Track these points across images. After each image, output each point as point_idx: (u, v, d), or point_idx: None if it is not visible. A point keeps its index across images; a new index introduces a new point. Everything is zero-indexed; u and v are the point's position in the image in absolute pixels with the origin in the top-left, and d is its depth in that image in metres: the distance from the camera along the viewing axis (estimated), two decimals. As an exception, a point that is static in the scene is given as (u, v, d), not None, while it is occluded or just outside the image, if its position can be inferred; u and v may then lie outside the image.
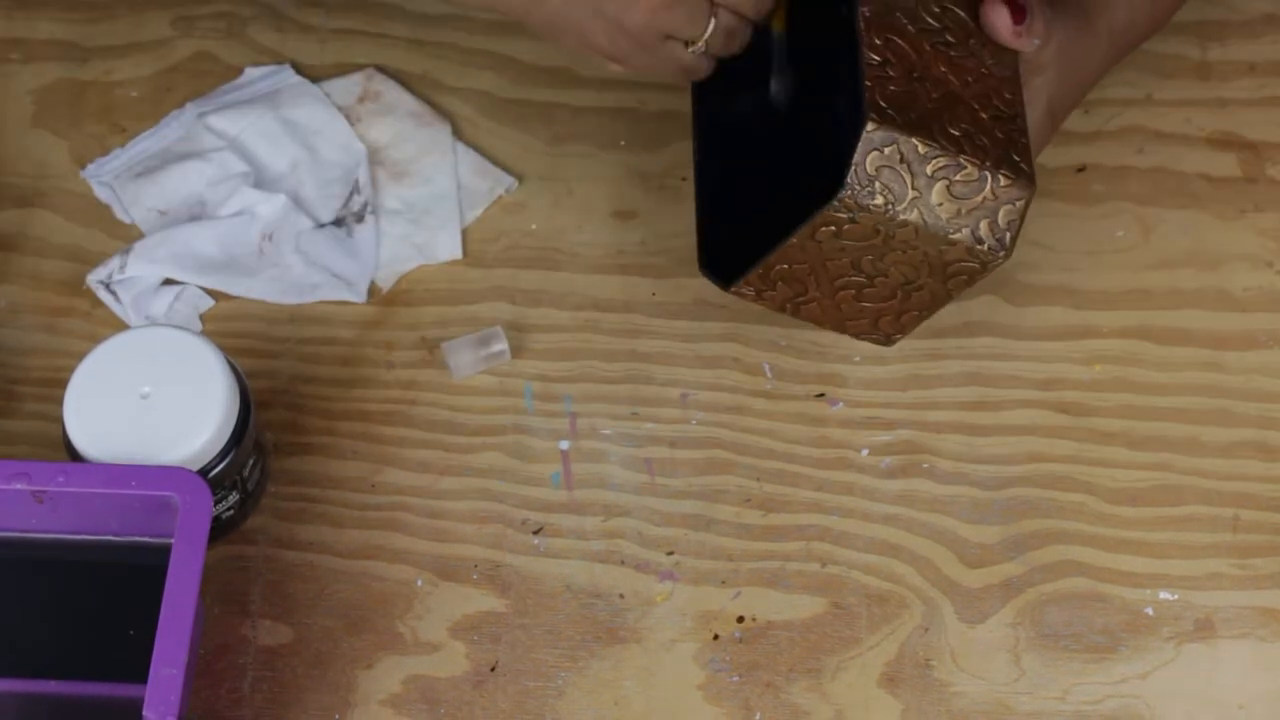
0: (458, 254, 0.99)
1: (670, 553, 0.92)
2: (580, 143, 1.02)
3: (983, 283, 0.98)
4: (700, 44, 0.89)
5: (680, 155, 1.02)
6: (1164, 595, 0.91)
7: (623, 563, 0.92)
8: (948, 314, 0.97)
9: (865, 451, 0.94)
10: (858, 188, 0.83)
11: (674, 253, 0.99)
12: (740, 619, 0.90)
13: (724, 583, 0.91)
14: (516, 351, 0.96)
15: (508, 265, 0.99)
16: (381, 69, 1.04)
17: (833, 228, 0.84)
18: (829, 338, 0.97)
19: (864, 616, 0.90)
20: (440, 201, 1.00)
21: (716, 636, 0.90)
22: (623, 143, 1.02)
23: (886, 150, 0.83)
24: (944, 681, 0.89)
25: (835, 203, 0.83)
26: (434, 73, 1.04)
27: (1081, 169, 1.01)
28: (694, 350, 0.97)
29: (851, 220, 0.84)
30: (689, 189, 1.01)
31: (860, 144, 0.82)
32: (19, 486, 0.83)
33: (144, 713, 0.78)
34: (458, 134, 1.03)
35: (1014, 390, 0.96)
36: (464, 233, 1.00)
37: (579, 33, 0.89)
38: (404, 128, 1.02)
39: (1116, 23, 0.91)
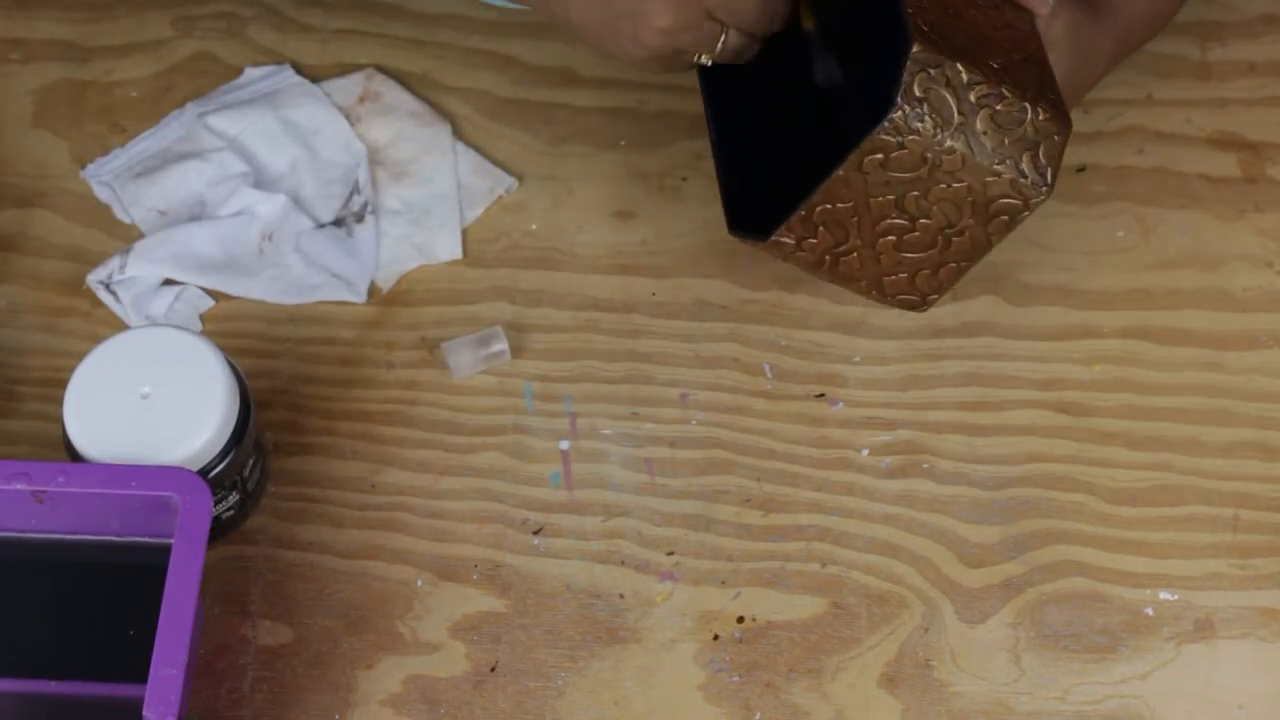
0: (458, 254, 0.99)
1: (670, 553, 0.92)
2: (580, 143, 1.03)
3: (982, 283, 0.98)
4: (708, 58, 0.90)
5: (680, 155, 1.02)
6: (1164, 595, 0.91)
7: (623, 563, 0.92)
8: (948, 314, 0.97)
9: (865, 451, 0.94)
10: (907, 109, 0.82)
11: (674, 253, 0.99)
12: (740, 619, 0.90)
13: (724, 583, 0.91)
14: (516, 351, 0.96)
15: (508, 265, 0.99)
16: (381, 69, 1.04)
17: (880, 155, 0.84)
18: (829, 337, 0.97)
19: (864, 616, 0.90)
20: (440, 201, 1.00)
21: (716, 636, 0.90)
22: (623, 143, 1.02)
23: (933, 72, 0.82)
24: (944, 681, 0.89)
25: (886, 123, 0.82)
26: (434, 73, 1.04)
27: (1081, 169, 1.01)
28: (694, 350, 0.97)
29: (900, 146, 0.83)
30: (689, 189, 1.01)
31: (909, 64, 0.82)
32: (19, 486, 0.83)
33: (144, 713, 0.78)
34: (458, 134, 1.03)
35: (1014, 390, 0.96)
36: (464, 233, 1.00)
37: (597, 41, 0.90)
38: (404, 128, 1.02)
39: (1120, 25, 0.92)
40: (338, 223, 0.99)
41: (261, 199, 0.98)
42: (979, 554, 0.92)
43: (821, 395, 0.96)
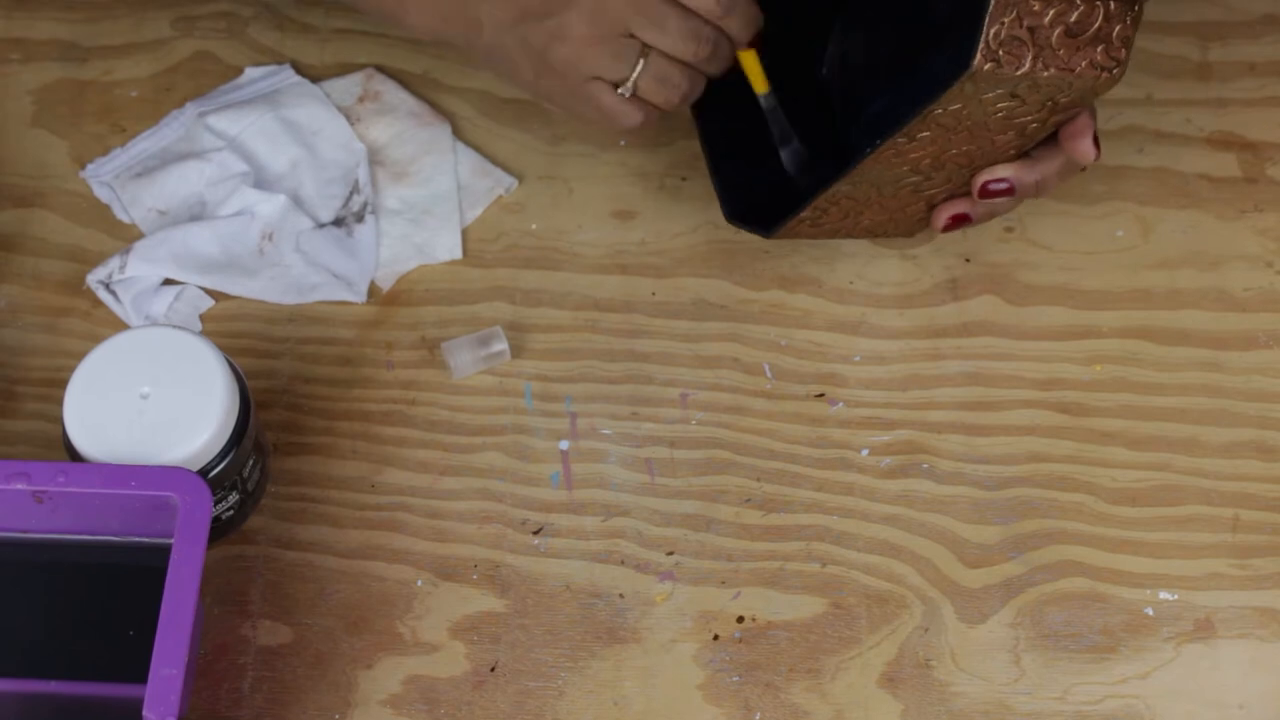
0: (458, 254, 0.99)
1: (670, 553, 0.92)
2: (580, 143, 1.02)
3: (983, 283, 0.98)
4: (627, 86, 0.88)
5: (680, 155, 1.02)
6: (1164, 595, 0.91)
7: (623, 563, 0.92)
8: (948, 314, 0.98)
9: (865, 451, 0.94)
10: (986, 65, 0.81)
11: (674, 253, 0.99)
12: (740, 619, 0.90)
13: (724, 583, 0.91)
14: (516, 351, 0.96)
15: (508, 265, 0.99)
16: (381, 69, 1.04)
17: (958, 105, 0.84)
18: (829, 337, 0.97)
19: (864, 617, 0.90)
20: (440, 201, 1.00)
21: (716, 637, 0.90)
22: (623, 143, 1.02)
23: (1007, 20, 0.81)
24: (944, 682, 0.89)
25: (965, 82, 0.82)
26: (434, 73, 1.04)
27: (1082, 169, 1.01)
28: (694, 350, 0.97)
29: (975, 94, 0.83)
30: (689, 189, 1.01)
31: (988, 18, 0.81)
32: (19, 486, 0.83)
33: (144, 713, 0.78)
34: (458, 134, 1.03)
35: (1014, 390, 0.96)
36: (464, 233, 1.00)
37: (510, 65, 0.89)
38: (404, 127, 1.02)
39: None
40: (338, 222, 0.99)
41: (261, 199, 0.98)
42: (979, 554, 0.92)
43: (821, 395, 0.96)
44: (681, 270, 0.99)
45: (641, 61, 0.87)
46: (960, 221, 0.91)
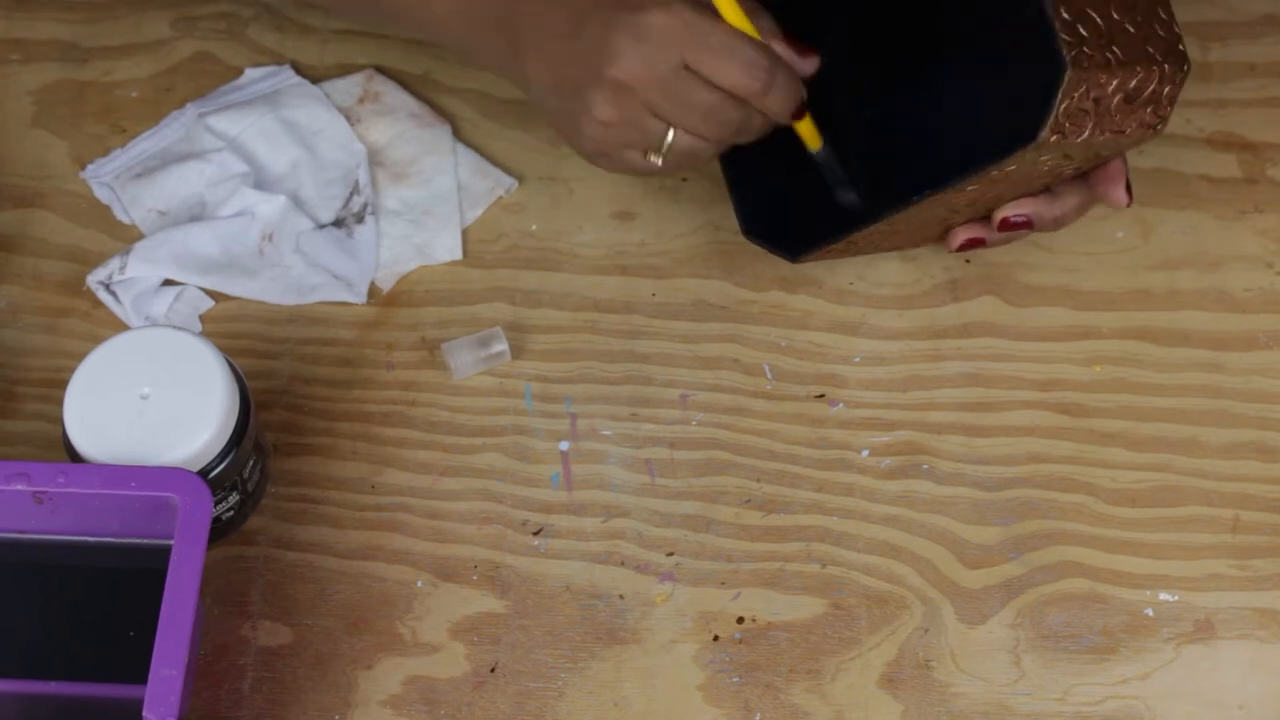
0: (458, 254, 0.99)
1: (670, 553, 0.92)
2: (580, 143, 1.02)
3: (983, 283, 0.98)
4: (656, 158, 0.88)
5: (680, 155, 1.02)
6: (1164, 596, 0.91)
7: (623, 563, 0.92)
8: (948, 314, 0.97)
9: (865, 452, 0.94)
10: (1052, 138, 0.82)
11: (674, 253, 0.99)
12: (740, 620, 0.90)
13: (724, 584, 0.91)
14: (516, 352, 0.96)
15: (508, 265, 0.99)
16: (381, 69, 1.04)
17: (1013, 166, 0.84)
18: (829, 338, 0.97)
19: (864, 617, 0.90)
20: (440, 202, 1.00)
21: (716, 637, 0.90)
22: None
23: (1076, 95, 0.82)
24: (944, 682, 0.89)
25: (1037, 143, 0.82)
26: (434, 73, 1.04)
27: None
28: (694, 351, 0.97)
29: (1038, 157, 0.84)
30: (689, 189, 1.01)
31: (1060, 94, 0.81)
32: (19, 487, 0.83)
33: (144, 713, 0.78)
34: (458, 134, 1.03)
35: (1014, 391, 0.96)
36: (464, 233, 1.00)
37: (553, 120, 0.90)
38: (404, 128, 1.02)
39: None
40: (338, 223, 0.99)
41: (261, 199, 0.98)
42: (979, 554, 0.92)
43: (821, 396, 0.96)
44: (681, 271, 0.99)
45: (670, 135, 0.87)
46: (975, 245, 0.91)
